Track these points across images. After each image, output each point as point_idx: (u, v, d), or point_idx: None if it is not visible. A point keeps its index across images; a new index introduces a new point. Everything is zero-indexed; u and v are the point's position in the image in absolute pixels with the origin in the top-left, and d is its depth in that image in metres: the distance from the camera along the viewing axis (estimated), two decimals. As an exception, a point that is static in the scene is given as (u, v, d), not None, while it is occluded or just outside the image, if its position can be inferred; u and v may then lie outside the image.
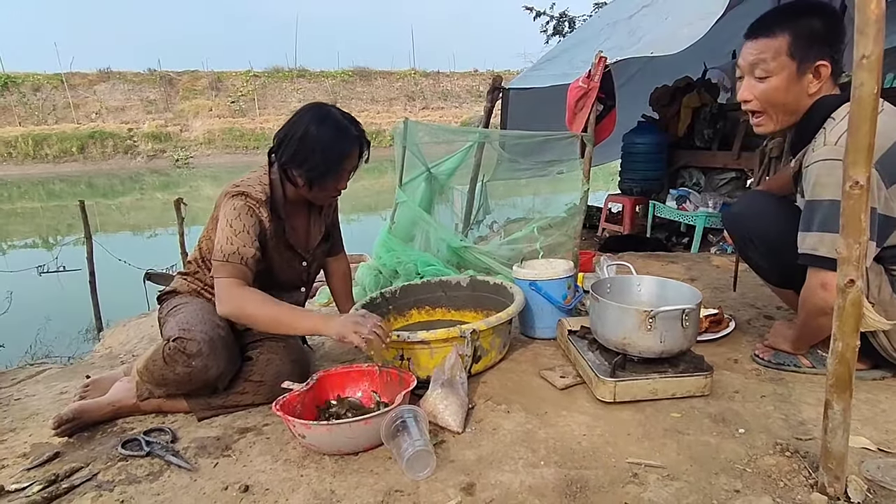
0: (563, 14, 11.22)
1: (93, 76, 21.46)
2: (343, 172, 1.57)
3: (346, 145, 1.53)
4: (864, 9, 0.86)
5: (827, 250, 1.21)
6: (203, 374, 1.38)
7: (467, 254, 2.53)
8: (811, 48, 1.28)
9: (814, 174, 1.24)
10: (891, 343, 1.32)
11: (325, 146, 1.49)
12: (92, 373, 1.83)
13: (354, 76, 23.91)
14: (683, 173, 4.36)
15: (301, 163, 1.50)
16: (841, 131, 1.20)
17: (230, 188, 1.51)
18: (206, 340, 1.37)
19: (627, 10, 2.81)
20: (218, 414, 1.47)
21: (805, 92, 1.32)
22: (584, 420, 1.31)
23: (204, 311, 1.49)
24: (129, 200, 14.08)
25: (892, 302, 1.29)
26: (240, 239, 1.44)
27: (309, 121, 1.51)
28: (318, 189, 1.56)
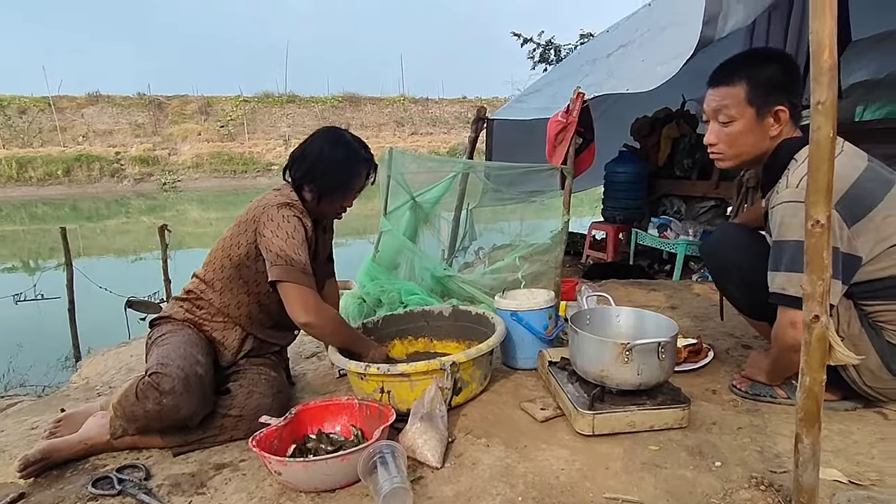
0: (550, 42, 11.52)
1: (81, 99, 21.46)
2: (351, 190, 1.69)
3: (356, 165, 1.66)
4: (817, 58, 0.91)
5: (795, 290, 1.24)
6: (173, 413, 1.36)
7: (451, 283, 2.54)
8: (769, 94, 1.35)
9: (779, 215, 1.29)
10: (860, 376, 1.35)
11: (337, 164, 1.63)
12: (67, 405, 1.79)
13: (344, 102, 24.18)
14: (664, 202, 4.44)
15: (313, 178, 1.62)
16: (802, 173, 1.24)
17: (273, 199, 1.58)
18: (181, 378, 1.35)
19: (606, 49, 2.91)
20: (194, 449, 1.44)
21: (767, 135, 1.38)
22: (563, 454, 1.31)
23: (188, 346, 1.47)
24: (113, 224, 13.94)
25: (860, 336, 1.32)
26: (302, 249, 1.54)
27: (323, 142, 1.64)
28: (327, 203, 1.66)
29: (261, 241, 1.54)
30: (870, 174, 1.28)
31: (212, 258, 1.65)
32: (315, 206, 1.65)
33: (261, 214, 1.56)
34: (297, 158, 1.66)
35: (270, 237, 1.52)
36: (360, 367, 1.48)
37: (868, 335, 1.32)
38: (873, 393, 1.38)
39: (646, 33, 2.63)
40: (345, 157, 1.63)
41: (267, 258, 1.53)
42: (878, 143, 2.97)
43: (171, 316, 1.63)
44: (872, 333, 1.32)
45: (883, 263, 1.27)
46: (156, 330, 1.61)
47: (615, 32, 3.26)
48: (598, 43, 3.55)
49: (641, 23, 2.82)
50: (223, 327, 1.62)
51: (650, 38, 2.55)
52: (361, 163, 1.67)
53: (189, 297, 1.65)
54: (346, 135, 1.69)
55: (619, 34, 3.08)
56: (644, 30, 2.67)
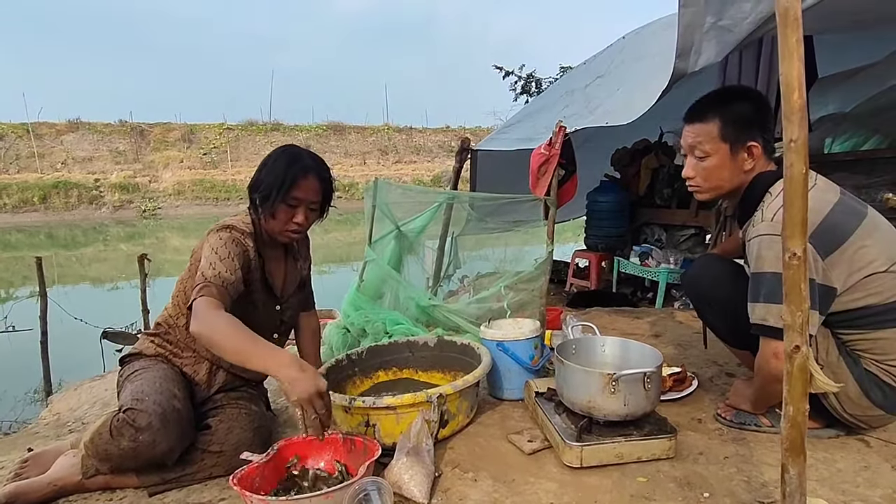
0: (531, 75, 11.85)
1: (61, 126, 21.26)
2: (295, 201, 1.54)
3: (297, 171, 1.53)
4: (788, 99, 0.95)
5: (775, 321, 1.27)
6: (150, 450, 1.30)
7: (436, 312, 2.54)
8: (741, 131, 1.41)
9: (755, 248, 1.33)
10: (840, 404, 1.37)
11: (277, 172, 1.53)
12: (36, 443, 1.72)
13: (328, 130, 24.36)
14: (646, 230, 4.53)
15: (257, 188, 1.55)
16: (777, 206, 1.29)
17: (214, 226, 1.54)
18: (158, 413, 1.30)
19: (583, 80, 3.01)
20: (171, 488, 1.39)
21: (741, 169, 1.43)
22: (551, 487, 1.29)
23: (164, 380, 1.43)
24: (90, 252, 13.65)
25: (839, 364, 1.35)
26: (223, 264, 1.43)
27: (274, 153, 1.59)
28: (270, 215, 1.54)
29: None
30: (841, 207, 1.33)
31: (176, 291, 1.61)
32: (266, 223, 1.57)
33: (203, 242, 1.52)
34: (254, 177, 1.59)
35: (203, 258, 1.45)
36: (346, 399, 1.45)
37: (846, 363, 1.35)
38: (855, 420, 1.40)
39: (620, 65, 2.73)
40: (286, 163, 1.54)
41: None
42: (847, 173, 3.09)
43: (141, 352, 1.58)
44: (850, 361, 1.35)
45: (858, 294, 1.30)
46: (127, 367, 1.55)
47: (592, 64, 3.37)
48: (575, 75, 3.68)
49: (616, 55, 2.93)
50: (193, 361, 1.58)
51: (625, 69, 2.65)
52: (304, 168, 1.54)
53: (158, 332, 1.61)
54: (295, 148, 1.61)
55: (594, 66, 3.19)
56: (619, 61, 2.78)
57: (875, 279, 1.29)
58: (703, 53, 1.93)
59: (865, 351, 1.34)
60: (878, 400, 1.34)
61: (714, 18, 1.87)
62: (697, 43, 1.95)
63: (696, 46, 1.95)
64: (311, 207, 1.59)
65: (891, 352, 1.32)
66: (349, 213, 3.45)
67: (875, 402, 1.35)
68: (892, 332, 1.31)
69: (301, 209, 1.56)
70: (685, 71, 1.98)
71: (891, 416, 1.40)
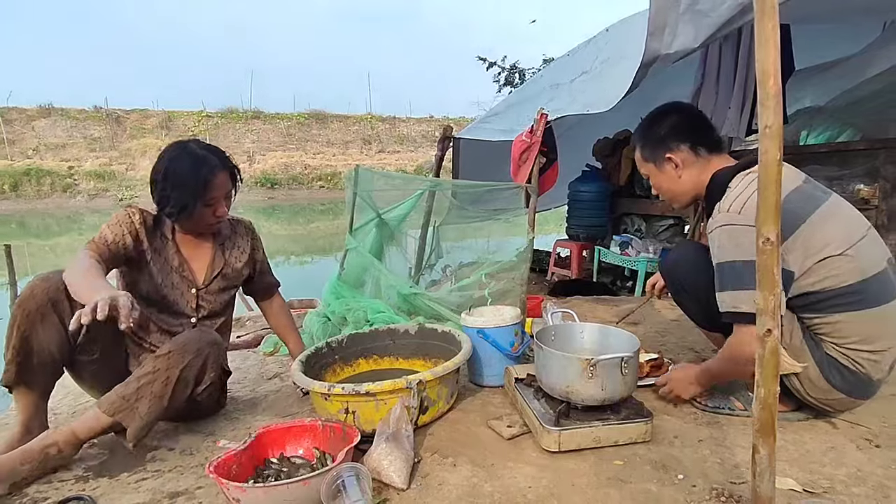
0: (514, 66, 11.83)
1: (32, 111, 20.59)
2: (212, 199, 1.59)
3: (206, 174, 1.55)
4: (763, 85, 0.96)
5: (747, 306, 1.30)
6: None
7: (418, 300, 2.53)
8: (655, 149, 1.58)
9: (715, 239, 1.38)
10: (802, 386, 1.41)
11: (184, 180, 1.53)
12: (2, 434, 1.68)
13: (310, 119, 24.02)
14: (626, 220, 4.57)
15: (166, 201, 1.55)
16: (732, 198, 1.37)
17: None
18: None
19: (569, 76, 3.00)
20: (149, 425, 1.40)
21: (677, 177, 1.57)
22: (529, 471, 1.30)
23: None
24: (65, 241, 13.30)
25: (801, 347, 1.38)
26: (109, 229, 1.54)
27: (167, 159, 1.56)
28: (189, 221, 1.60)
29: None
30: (798, 195, 1.37)
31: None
32: (186, 224, 1.63)
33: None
34: (151, 184, 1.57)
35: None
36: (324, 387, 1.44)
37: (808, 346, 1.39)
38: (817, 404, 1.44)
39: (606, 60, 2.73)
40: (190, 168, 1.54)
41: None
42: (821, 165, 3.16)
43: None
44: (812, 345, 1.39)
45: (813, 277, 1.34)
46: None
47: (575, 56, 3.37)
48: (558, 67, 3.67)
49: (600, 50, 2.92)
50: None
51: (611, 64, 2.65)
52: (212, 169, 1.56)
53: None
54: (191, 144, 1.60)
55: (579, 59, 3.19)
56: (604, 58, 2.78)
57: (830, 263, 1.32)
58: (678, 36, 1.91)
59: (826, 335, 1.38)
60: (837, 383, 1.38)
61: (690, 1, 1.86)
62: (672, 24, 1.93)
63: (672, 28, 1.93)
64: (227, 196, 1.65)
65: (849, 335, 1.35)
66: (331, 202, 3.41)
67: (834, 385, 1.38)
68: (848, 316, 1.34)
69: (219, 204, 1.62)
70: (658, 51, 1.96)
71: (853, 401, 1.43)
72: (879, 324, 1.34)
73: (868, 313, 1.32)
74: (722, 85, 3.16)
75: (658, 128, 1.58)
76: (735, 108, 3.10)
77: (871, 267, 1.33)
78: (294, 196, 19.24)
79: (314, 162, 21.54)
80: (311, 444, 1.39)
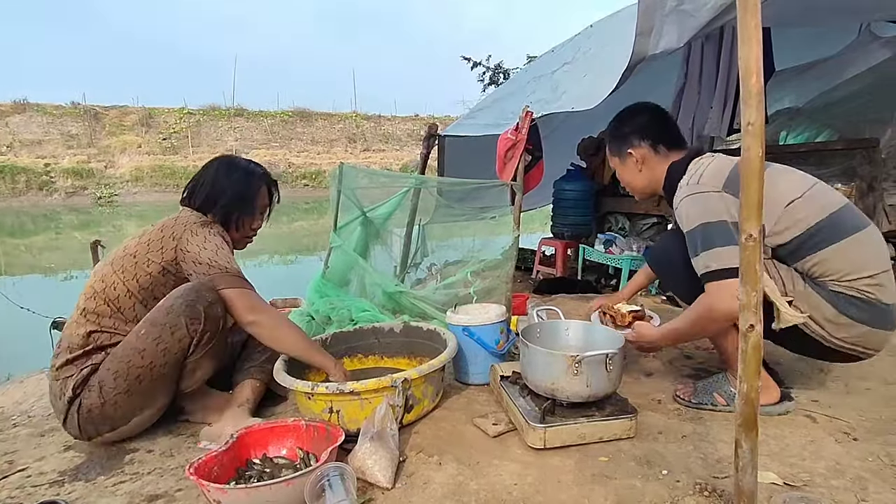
0: (498, 66, 11.85)
1: (6, 107, 20.05)
2: (255, 209, 1.73)
3: (254, 182, 1.72)
4: (746, 82, 0.97)
5: (718, 263, 1.37)
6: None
7: (403, 299, 2.52)
8: (620, 145, 1.71)
9: (682, 213, 1.48)
10: (825, 330, 1.41)
11: (234, 186, 1.67)
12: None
13: (294, 117, 23.78)
14: (610, 218, 4.60)
15: (215, 203, 1.65)
16: (689, 175, 1.52)
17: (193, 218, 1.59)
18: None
19: (551, 67, 3.01)
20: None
21: (637, 171, 1.70)
22: (515, 469, 1.30)
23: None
24: (41, 240, 12.98)
25: (807, 291, 1.41)
26: (233, 260, 1.56)
27: (217, 169, 1.69)
28: (234, 227, 1.69)
29: (184, 256, 1.52)
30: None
31: (107, 285, 1.52)
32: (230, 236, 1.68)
33: (182, 232, 1.55)
34: (194, 188, 1.68)
35: (197, 251, 1.52)
36: (308, 386, 1.42)
37: (814, 289, 1.41)
38: (847, 345, 1.43)
39: (587, 52, 2.74)
40: (241, 177, 1.69)
41: (197, 271, 1.51)
42: (799, 164, 3.21)
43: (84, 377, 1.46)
44: (817, 287, 1.41)
45: (783, 225, 1.41)
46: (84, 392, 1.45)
47: (559, 51, 3.38)
48: (542, 61, 3.68)
49: (583, 42, 2.94)
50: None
51: (592, 55, 2.66)
52: (258, 179, 1.73)
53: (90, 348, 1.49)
54: (240, 159, 1.76)
55: (561, 53, 3.20)
56: (586, 48, 2.79)
57: (793, 208, 1.40)
58: (664, 36, 1.94)
59: (822, 275, 1.41)
60: (855, 315, 1.39)
61: (675, 2, 1.89)
62: (659, 24, 1.96)
63: (658, 28, 1.97)
64: (262, 211, 1.79)
65: (839, 268, 1.38)
66: (315, 201, 3.37)
67: (854, 317, 1.39)
68: (827, 252, 1.39)
69: (258, 216, 1.77)
70: (646, 52, 1.99)
71: (877, 332, 1.41)
72: (859, 251, 1.39)
73: (844, 244, 1.39)
74: (704, 84, 3.20)
75: (624, 125, 1.71)
76: (717, 107, 3.14)
77: (829, 205, 1.42)
78: (278, 194, 19.05)
79: (298, 160, 21.34)
80: (295, 444, 1.37)
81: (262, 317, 1.52)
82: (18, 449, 1.56)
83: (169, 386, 1.51)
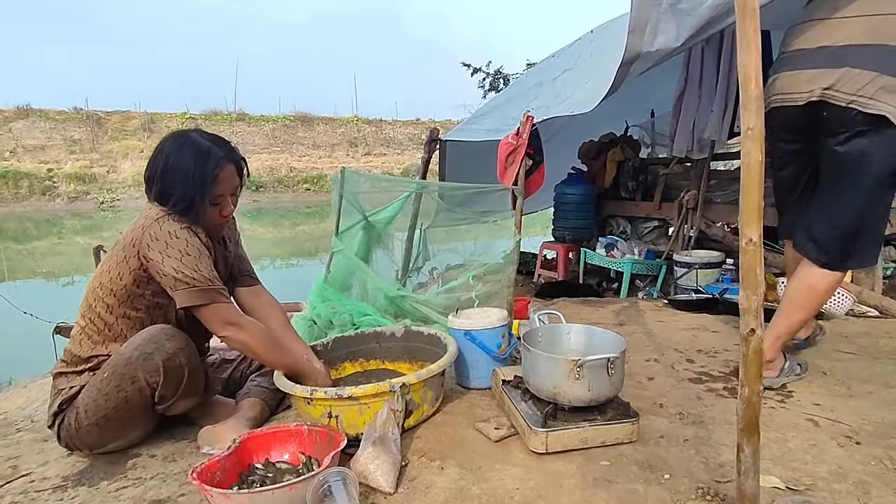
0: (498, 71, 11.87)
1: (9, 112, 20.12)
2: (216, 192, 1.48)
3: (209, 164, 1.45)
4: (745, 88, 0.98)
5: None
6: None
7: (405, 303, 2.52)
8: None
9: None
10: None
11: (187, 170, 1.43)
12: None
13: (296, 121, 23.83)
14: (611, 222, 4.61)
15: (170, 193, 1.44)
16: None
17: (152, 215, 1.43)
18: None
19: (552, 73, 3.03)
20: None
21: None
22: (517, 473, 1.30)
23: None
24: (44, 245, 13.02)
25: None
26: (202, 263, 1.41)
27: (168, 152, 1.46)
28: (197, 214, 1.47)
29: (148, 265, 1.40)
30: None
31: (90, 304, 1.49)
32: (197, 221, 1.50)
33: (141, 236, 1.41)
34: (148, 179, 1.48)
35: (160, 259, 1.38)
36: (307, 391, 1.43)
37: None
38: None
39: (588, 58, 2.75)
40: (195, 157, 1.44)
41: (163, 283, 1.40)
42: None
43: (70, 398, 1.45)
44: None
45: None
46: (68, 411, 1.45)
47: (560, 56, 3.40)
48: (543, 67, 3.70)
49: (584, 48, 2.95)
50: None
51: (593, 62, 2.67)
52: (217, 162, 1.46)
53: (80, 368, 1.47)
54: (193, 135, 1.50)
55: (563, 59, 3.22)
56: (587, 55, 2.80)
57: None
58: (660, 34, 1.92)
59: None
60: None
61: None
62: (654, 21, 1.94)
63: (653, 25, 1.95)
64: (233, 193, 1.55)
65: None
66: (317, 205, 3.35)
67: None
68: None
69: (226, 201, 1.53)
70: (639, 49, 1.97)
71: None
72: None
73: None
74: (704, 89, 3.21)
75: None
76: (717, 111, 3.15)
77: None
78: (279, 199, 19.07)
79: (300, 164, 21.37)
80: (297, 448, 1.37)
81: (236, 332, 1.44)
82: (22, 454, 1.56)
83: (143, 421, 1.48)
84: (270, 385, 1.60)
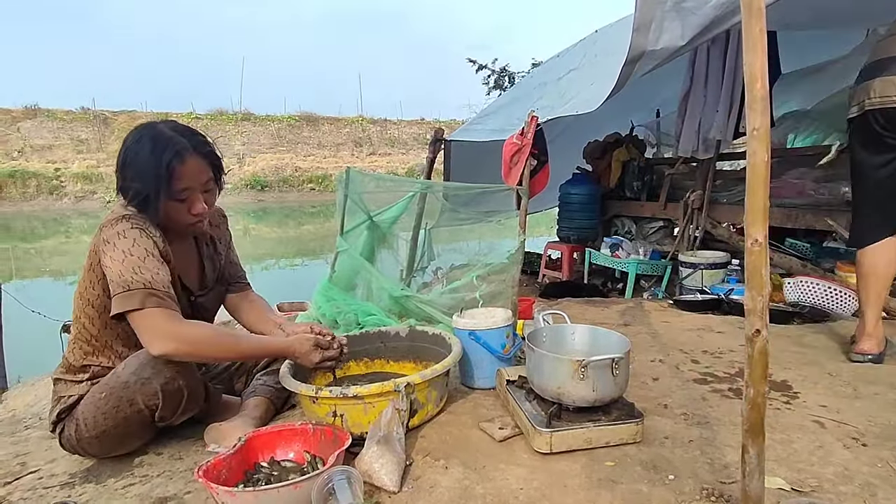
0: (504, 69, 11.89)
1: (17, 112, 20.30)
2: (182, 192, 1.35)
3: (169, 160, 1.30)
4: (751, 88, 0.98)
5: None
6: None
7: (409, 303, 2.53)
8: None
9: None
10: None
11: (143, 168, 1.31)
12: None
13: (301, 121, 23.91)
14: (616, 222, 4.60)
15: (127, 192, 1.35)
16: None
17: (107, 217, 1.35)
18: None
19: (557, 73, 3.03)
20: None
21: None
22: (521, 473, 1.30)
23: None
24: (51, 244, 13.12)
25: None
26: (147, 266, 1.28)
27: (128, 144, 1.35)
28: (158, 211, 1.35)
29: (105, 272, 1.31)
30: None
31: (76, 314, 1.45)
32: (165, 223, 1.39)
33: (97, 240, 1.33)
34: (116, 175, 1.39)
35: (109, 264, 1.28)
36: (312, 390, 1.43)
37: None
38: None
39: (593, 58, 2.75)
40: (151, 150, 1.30)
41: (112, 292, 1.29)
42: (808, 168, 3.20)
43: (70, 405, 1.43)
44: None
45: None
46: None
47: (565, 57, 3.40)
48: (548, 67, 3.70)
49: (589, 48, 2.95)
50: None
51: (598, 62, 2.67)
52: (177, 153, 1.31)
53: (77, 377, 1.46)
54: (158, 126, 1.36)
55: (567, 59, 3.22)
56: (592, 55, 2.80)
57: None
58: (665, 32, 1.92)
59: None
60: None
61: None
62: (658, 19, 1.93)
63: (658, 23, 1.94)
64: (206, 189, 1.40)
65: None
66: (322, 205, 3.36)
67: None
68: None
69: (194, 197, 1.38)
70: (644, 47, 1.97)
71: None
72: None
73: None
74: (710, 88, 3.20)
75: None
76: (723, 111, 3.14)
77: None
78: (284, 198, 19.15)
79: (305, 164, 21.44)
80: (302, 447, 1.38)
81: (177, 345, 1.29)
82: (30, 451, 1.58)
83: (144, 434, 1.47)
84: (276, 384, 1.59)
